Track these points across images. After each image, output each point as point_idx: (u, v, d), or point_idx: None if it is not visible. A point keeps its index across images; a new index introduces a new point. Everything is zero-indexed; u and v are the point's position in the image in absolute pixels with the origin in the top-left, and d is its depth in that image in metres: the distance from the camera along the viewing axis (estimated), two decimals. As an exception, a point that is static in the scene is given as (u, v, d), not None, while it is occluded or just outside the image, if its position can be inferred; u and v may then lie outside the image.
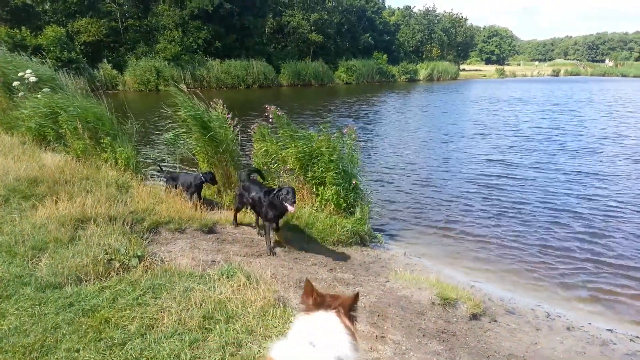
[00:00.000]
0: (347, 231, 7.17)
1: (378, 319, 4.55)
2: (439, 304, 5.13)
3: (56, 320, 3.52)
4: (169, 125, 9.09)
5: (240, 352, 3.30)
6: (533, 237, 8.15)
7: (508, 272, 6.94)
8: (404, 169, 13.20)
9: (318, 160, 7.53)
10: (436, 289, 5.32)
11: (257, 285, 4.28)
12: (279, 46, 49.98)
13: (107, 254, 4.51)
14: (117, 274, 4.32)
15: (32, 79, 10.99)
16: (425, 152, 15.64)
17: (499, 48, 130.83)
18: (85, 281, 4.15)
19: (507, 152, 15.50)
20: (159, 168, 9.31)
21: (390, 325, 4.48)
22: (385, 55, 56.32)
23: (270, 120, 8.07)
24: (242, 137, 9.20)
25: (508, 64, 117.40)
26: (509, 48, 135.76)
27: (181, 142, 9.15)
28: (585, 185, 11.50)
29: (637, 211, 9.51)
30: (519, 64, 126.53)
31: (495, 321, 5.19)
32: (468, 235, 8.29)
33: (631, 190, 11.08)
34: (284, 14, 50.47)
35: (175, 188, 7.74)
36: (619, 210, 9.57)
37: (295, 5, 51.62)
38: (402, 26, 70.33)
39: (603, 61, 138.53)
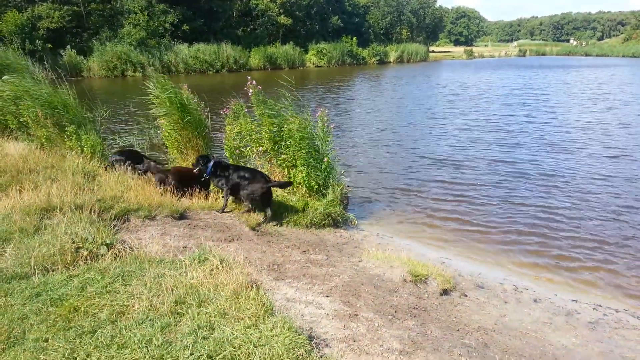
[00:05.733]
0: (319, 213, 7.21)
1: (351, 298, 4.61)
2: (410, 281, 5.23)
3: (23, 310, 3.45)
4: (147, 104, 8.89)
5: (212, 335, 3.30)
6: (501, 215, 8.36)
7: (478, 249, 7.12)
8: (375, 151, 13.30)
9: (289, 142, 7.50)
10: (408, 267, 5.42)
11: (229, 268, 4.26)
12: (248, 29, 49.15)
13: (74, 242, 4.42)
14: (85, 263, 4.24)
15: (-11, 67, 10.59)
16: (395, 135, 15.75)
17: (467, 29, 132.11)
18: (53, 271, 4.07)
19: (475, 132, 15.77)
20: None
21: (363, 304, 4.55)
22: (354, 38, 56.06)
23: (250, 94, 7.89)
24: (212, 122, 9.11)
25: (476, 45, 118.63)
26: (477, 29, 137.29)
27: (152, 128, 9.01)
28: (554, 163, 11.83)
29: (602, 190, 9.84)
30: (486, 45, 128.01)
31: (465, 296, 5.33)
32: (439, 213, 8.45)
33: (599, 168, 11.45)
34: (252, -4, 49.58)
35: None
36: (584, 188, 9.88)
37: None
38: (371, 8, 70.06)
39: (568, 41, 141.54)
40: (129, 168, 7.73)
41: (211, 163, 7.04)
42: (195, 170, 7.19)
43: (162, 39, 39.45)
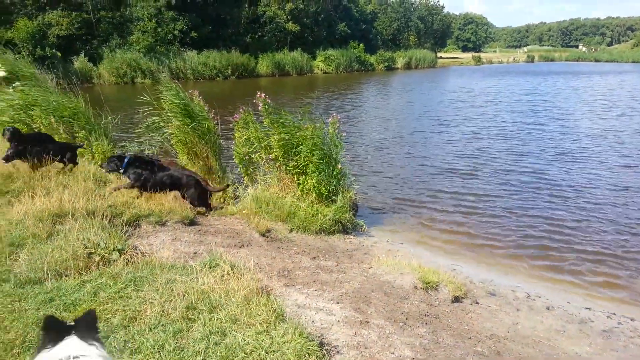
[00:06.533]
0: (329, 219, 7.20)
1: (362, 305, 4.59)
2: (421, 287, 5.20)
3: (37, 315, 3.46)
4: (147, 113, 8.90)
5: (224, 341, 3.30)
6: (511, 224, 8.29)
7: (489, 255, 7.08)
8: (383, 158, 13.29)
9: (301, 149, 7.52)
10: (418, 273, 5.40)
11: (240, 274, 4.27)
12: (256, 36, 49.41)
13: (86, 248, 4.44)
14: (97, 268, 4.27)
15: (1, 73, 10.72)
16: (407, 140, 15.76)
17: (475, 35, 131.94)
18: (66, 276, 4.09)
19: (484, 140, 15.71)
20: None
21: (374, 310, 4.53)
22: (361, 45, 56.17)
23: (259, 107, 7.96)
24: (222, 129, 9.14)
25: (484, 51, 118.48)
26: (485, 35, 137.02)
27: (161, 133, 9.02)
28: (565, 171, 11.74)
29: (616, 198, 9.74)
30: (495, 51, 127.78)
31: (477, 303, 5.29)
32: (448, 221, 8.41)
33: (611, 177, 11.35)
34: (260, 3, 49.88)
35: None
36: (596, 197, 9.77)
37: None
38: (379, 14, 70.25)
39: (576, 46, 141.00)
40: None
41: (125, 160, 6.68)
42: (105, 171, 6.94)
43: (171, 46, 39.76)
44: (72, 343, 1.92)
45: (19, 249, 4.54)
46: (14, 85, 10.28)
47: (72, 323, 2.01)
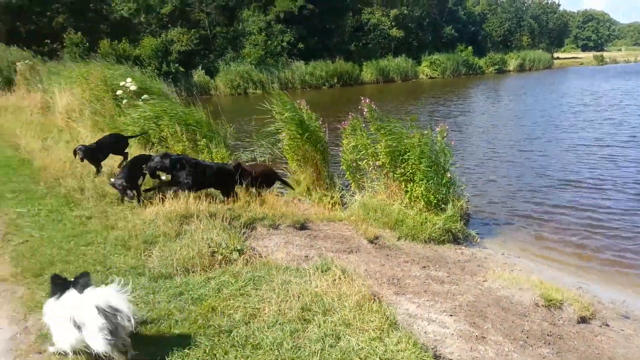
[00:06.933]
0: (438, 228, 7.00)
1: (477, 319, 4.39)
2: (542, 305, 4.84)
3: (168, 307, 3.78)
4: (267, 121, 9.36)
5: (339, 344, 3.34)
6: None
7: (619, 275, 6.39)
8: (495, 167, 12.62)
9: (409, 156, 7.43)
10: (539, 290, 5.04)
11: (351, 280, 4.30)
12: (360, 44, 49.78)
13: (210, 247, 4.78)
14: (220, 266, 4.57)
15: (132, 87, 11.91)
16: (522, 147, 14.81)
17: (596, 33, 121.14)
18: (192, 272, 4.43)
19: (610, 148, 14.23)
20: None
21: (490, 326, 4.31)
22: (469, 48, 53.93)
23: (365, 113, 8.06)
24: (328, 137, 9.33)
25: (608, 50, 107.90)
26: (608, 33, 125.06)
27: (273, 141, 9.44)
28: None
29: None
30: (620, 50, 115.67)
31: (607, 325, 4.80)
32: (572, 236, 7.71)
33: None
34: (364, 11, 50.24)
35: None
36: None
37: (374, 2, 51.20)
38: (488, 15, 67.18)
39: None
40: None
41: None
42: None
43: (279, 57, 41.55)
44: (71, 294, 3.08)
45: (152, 246, 5.01)
46: (142, 97, 11.40)
47: (72, 280, 3.21)
